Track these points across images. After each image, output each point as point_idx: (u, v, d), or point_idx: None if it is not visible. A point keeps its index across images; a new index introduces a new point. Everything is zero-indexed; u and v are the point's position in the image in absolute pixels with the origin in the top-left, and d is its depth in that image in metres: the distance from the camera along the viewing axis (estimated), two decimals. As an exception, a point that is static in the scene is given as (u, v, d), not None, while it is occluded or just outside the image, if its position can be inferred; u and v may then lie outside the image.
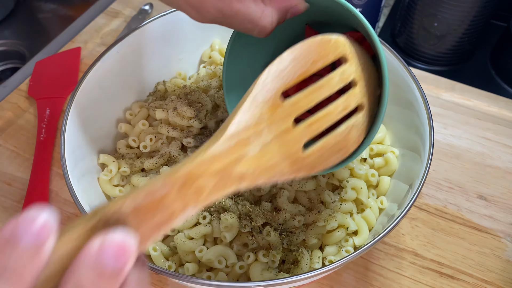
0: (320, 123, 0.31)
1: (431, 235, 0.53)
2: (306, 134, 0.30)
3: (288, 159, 0.29)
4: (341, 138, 0.32)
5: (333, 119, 0.32)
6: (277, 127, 0.28)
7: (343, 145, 0.33)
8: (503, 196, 0.56)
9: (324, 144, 0.31)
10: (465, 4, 0.66)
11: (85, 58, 0.71)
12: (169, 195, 0.22)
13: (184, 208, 0.22)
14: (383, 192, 0.49)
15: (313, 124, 0.31)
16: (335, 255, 0.44)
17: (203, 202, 0.24)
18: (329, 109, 0.31)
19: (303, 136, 0.30)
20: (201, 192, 0.24)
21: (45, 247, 0.18)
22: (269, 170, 0.28)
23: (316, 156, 0.31)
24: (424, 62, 0.76)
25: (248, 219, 0.44)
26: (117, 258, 0.19)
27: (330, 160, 0.32)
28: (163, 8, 0.78)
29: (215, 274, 0.43)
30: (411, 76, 0.47)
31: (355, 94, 0.33)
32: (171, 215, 0.22)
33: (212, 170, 0.24)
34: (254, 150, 0.27)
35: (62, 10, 0.89)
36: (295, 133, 0.30)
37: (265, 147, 0.28)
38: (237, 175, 0.26)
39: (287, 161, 0.29)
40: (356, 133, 0.33)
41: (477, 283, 0.49)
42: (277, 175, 0.28)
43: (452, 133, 0.62)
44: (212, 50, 0.59)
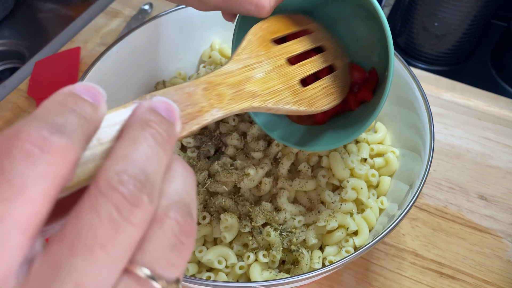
0: (308, 67, 0.39)
1: (431, 235, 0.53)
2: (299, 72, 0.38)
3: (289, 89, 0.35)
4: (328, 84, 0.41)
5: (317, 67, 0.40)
6: (274, 61, 0.36)
7: (332, 91, 0.41)
8: (503, 196, 0.56)
9: (316, 84, 0.39)
10: (466, 4, 0.66)
11: (85, 58, 0.71)
12: (196, 92, 0.25)
13: (210, 107, 0.25)
14: (384, 192, 0.49)
15: (303, 66, 0.39)
16: (335, 255, 0.44)
17: (226, 108, 0.27)
18: (313, 58, 0.41)
19: (297, 73, 0.37)
20: (222, 98, 0.27)
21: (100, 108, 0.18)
22: (275, 94, 0.33)
23: (312, 93, 0.38)
24: (425, 62, 0.76)
25: (248, 219, 0.43)
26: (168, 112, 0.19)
27: (324, 101, 0.39)
28: (163, 8, 0.78)
29: (215, 274, 0.43)
30: (412, 76, 0.47)
31: (327, 55, 0.43)
32: (200, 110, 0.24)
33: (228, 82, 0.29)
34: (259, 74, 0.33)
35: (62, 10, 0.89)
36: (291, 69, 0.37)
37: (268, 74, 0.34)
38: (249, 92, 0.31)
39: (289, 90, 0.35)
40: (339, 84, 0.42)
41: (478, 283, 0.49)
42: (283, 101, 0.34)
43: (453, 133, 0.62)
44: (212, 50, 0.59)
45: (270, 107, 0.32)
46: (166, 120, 0.19)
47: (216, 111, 0.25)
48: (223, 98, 0.27)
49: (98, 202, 0.16)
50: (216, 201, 0.44)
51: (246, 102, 0.30)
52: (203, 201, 0.45)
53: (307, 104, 0.37)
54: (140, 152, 0.17)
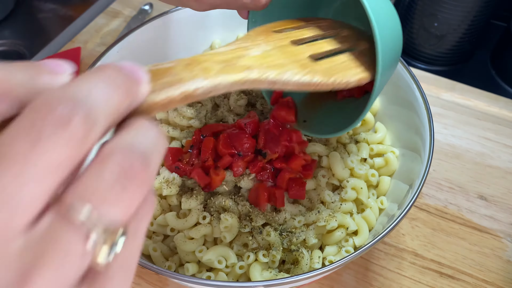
0: (319, 45, 0.37)
1: (431, 235, 0.53)
2: (309, 50, 0.35)
3: (296, 63, 0.32)
4: (350, 59, 0.37)
5: (330, 47, 0.37)
6: (274, 42, 0.34)
7: (351, 65, 0.37)
8: (503, 196, 0.56)
9: (332, 59, 0.36)
10: (465, 4, 0.66)
11: (85, 58, 0.71)
12: (176, 67, 0.24)
13: (192, 77, 0.23)
14: (383, 192, 0.49)
15: (314, 45, 0.36)
16: (335, 255, 0.44)
17: (213, 78, 0.24)
18: (328, 39, 0.38)
19: (306, 50, 0.35)
20: (208, 71, 0.25)
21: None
22: (277, 66, 0.30)
23: (328, 66, 0.35)
24: (424, 62, 0.76)
25: (248, 219, 0.43)
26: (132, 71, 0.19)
27: (341, 74, 0.35)
28: (163, 8, 0.78)
29: (215, 274, 0.43)
30: (411, 76, 0.47)
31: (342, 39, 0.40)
32: (179, 80, 0.23)
33: (216, 59, 0.27)
34: (255, 52, 0.31)
35: (62, 10, 0.89)
36: (297, 47, 0.35)
37: (266, 52, 0.32)
38: (243, 65, 0.28)
39: (296, 64, 0.32)
40: (365, 63, 0.38)
41: (478, 283, 0.49)
42: (289, 72, 0.31)
43: (452, 133, 0.62)
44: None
45: (272, 79, 0.29)
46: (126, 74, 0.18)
47: (201, 80, 0.23)
48: (209, 71, 0.25)
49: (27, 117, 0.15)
50: (216, 201, 0.44)
51: (240, 74, 0.27)
52: (203, 201, 0.45)
53: (323, 74, 0.33)
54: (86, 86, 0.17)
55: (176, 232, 0.45)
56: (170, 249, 0.46)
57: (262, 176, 0.44)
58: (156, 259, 0.44)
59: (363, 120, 0.52)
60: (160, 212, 0.46)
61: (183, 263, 0.44)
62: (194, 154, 0.45)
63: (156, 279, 0.50)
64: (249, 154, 0.44)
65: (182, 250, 0.43)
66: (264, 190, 0.43)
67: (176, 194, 0.46)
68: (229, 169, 0.44)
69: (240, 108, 0.51)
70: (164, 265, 0.44)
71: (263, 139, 0.44)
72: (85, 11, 0.80)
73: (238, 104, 0.51)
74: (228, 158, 0.44)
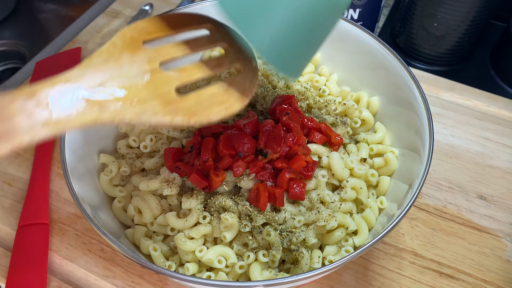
0: (193, 71, 0.33)
1: (430, 235, 0.53)
2: (177, 79, 0.32)
3: (159, 98, 0.29)
4: (222, 91, 0.34)
5: (206, 72, 0.34)
6: (140, 65, 0.30)
7: (225, 98, 0.34)
8: (503, 196, 0.56)
9: (202, 93, 0.33)
10: (465, 4, 0.66)
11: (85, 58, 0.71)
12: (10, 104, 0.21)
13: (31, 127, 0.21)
14: (383, 192, 0.49)
15: (184, 71, 0.33)
16: (335, 255, 0.44)
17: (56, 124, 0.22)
18: (202, 63, 0.34)
19: (174, 79, 0.31)
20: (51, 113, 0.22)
21: None
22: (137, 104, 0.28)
23: (194, 102, 0.32)
24: (424, 62, 0.76)
25: (248, 219, 0.44)
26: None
27: (214, 109, 0.32)
28: (163, 8, 0.78)
29: (215, 274, 0.43)
30: (411, 76, 0.47)
31: (228, 57, 0.36)
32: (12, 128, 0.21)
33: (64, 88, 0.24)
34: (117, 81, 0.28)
35: (62, 10, 0.89)
36: (164, 75, 0.31)
37: (128, 79, 0.28)
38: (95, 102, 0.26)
39: (159, 99, 0.29)
40: (237, 91, 0.35)
41: (477, 283, 0.49)
42: (148, 112, 0.28)
43: (452, 133, 0.62)
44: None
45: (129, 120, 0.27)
46: None
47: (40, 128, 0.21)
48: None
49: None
50: (216, 201, 0.44)
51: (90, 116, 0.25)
52: (203, 201, 0.45)
53: (185, 114, 0.30)
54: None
55: (176, 231, 0.45)
56: (170, 248, 0.46)
57: (262, 176, 0.44)
58: (156, 258, 0.44)
59: (363, 120, 0.53)
60: (160, 212, 0.46)
61: (183, 262, 0.44)
62: (194, 154, 0.45)
63: (156, 279, 0.50)
64: (249, 154, 0.44)
65: (182, 249, 0.43)
66: (264, 190, 0.43)
67: (176, 194, 0.46)
68: (229, 169, 0.45)
69: (240, 108, 0.51)
70: (164, 265, 0.44)
71: (264, 139, 0.44)
72: (85, 11, 0.80)
73: (238, 104, 0.51)
74: (229, 159, 0.44)
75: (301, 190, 0.43)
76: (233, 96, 0.34)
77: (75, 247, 0.52)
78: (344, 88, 0.56)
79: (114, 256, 0.51)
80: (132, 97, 0.28)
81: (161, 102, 0.29)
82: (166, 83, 0.31)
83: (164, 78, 0.31)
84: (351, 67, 0.56)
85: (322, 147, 0.47)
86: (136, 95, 0.28)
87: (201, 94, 0.33)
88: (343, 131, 0.51)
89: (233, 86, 0.34)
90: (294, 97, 0.49)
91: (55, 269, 0.51)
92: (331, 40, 0.55)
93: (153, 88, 0.29)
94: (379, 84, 0.53)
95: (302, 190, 0.44)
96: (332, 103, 0.53)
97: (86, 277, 0.50)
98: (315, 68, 0.59)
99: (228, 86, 0.34)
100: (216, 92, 0.33)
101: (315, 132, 0.47)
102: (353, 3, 0.67)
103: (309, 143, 0.47)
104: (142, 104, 0.28)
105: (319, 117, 0.51)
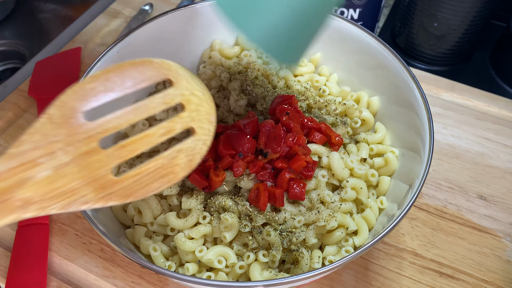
0: (136, 145, 0.29)
1: (431, 235, 0.53)
2: (117, 157, 0.28)
3: (93, 184, 0.27)
4: (166, 162, 0.30)
5: (153, 142, 0.30)
6: (76, 148, 0.27)
7: (169, 170, 0.30)
8: (503, 196, 0.56)
9: (142, 168, 0.30)
10: (465, 4, 0.66)
11: (85, 58, 0.71)
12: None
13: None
14: (383, 192, 0.49)
15: (126, 147, 0.29)
16: (335, 255, 0.44)
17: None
18: (148, 131, 0.30)
19: (113, 159, 0.28)
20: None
21: None
22: (65, 196, 0.26)
23: (132, 181, 0.29)
24: (424, 62, 0.76)
25: (248, 219, 0.44)
26: None
27: (154, 186, 0.30)
28: (163, 8, 0.78)
29: (215, 273, 0.43)
30: (411, 76, 0.47)
31: (182, 117, 0.31)
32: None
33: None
34: (44, 172, 0.25)
35: (62, 10, 0.89)
36: (102, 155, 0.28)
37: (60, 169, 0.26)
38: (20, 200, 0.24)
39: (92, 186, 0.27)
40: (185, 158, 0.31)
41: (477, 283, 0.49)
42: (78, 202, 0.26)
43: (452, 133, 0.62)
44: (212, 50, 0.59)
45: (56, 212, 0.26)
46: None
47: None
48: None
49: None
50: (216, 201, 0.44)
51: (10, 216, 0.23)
52: (203, 201, 0.45)
53: (122, 196, 0.28)
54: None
55: (176, 232, 0.45)
56: (170, 249, 0.46)
57: (262, 176, 0.44)
58: (156, 259, 0.44)
59: (363, 120, 0.53)
60: (160, 212, 0.46)
61: (183, 263, 0.44)
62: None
63: (156, 279, 0.50)
64: (249, 154, 0.44)
65: (182, 250, 0.43)
66: (264, 190, 0.43)
67: (176, 194, 0.46)
68: (229, 169, 0.44)
69: (240, 109, 0.51)
70: (164, 265, 0.44)
71: (264, 139, 0.44)
72: (85, 11, 0.80)
73: (238, 105, 0.51)
74: (229, 159, 0.44)
75: (301, 190, 0.43)
76: (179, 166, 0.31)
77: (75, 247, 0.52)
78: (344, 88, 0.56)
79: (114, 256, 0.51)
80: (61, 188, 0.26)
81: (95, 189, 0.27)
82: (103, 165, 0.28)
83: (102, 160, 0.28)
84: (351, 67, 0.56)
85: (322, 147, 0.47)
86: (66, 186, 0.26)
87: (142, 171, 0.29)
88: (343, 131, 0.51)
89: (181, 154, 0.31)
90: (294, 97, 0.49)
91: (55, 269, 0.51)
92: (331, 40, 0.55)
93: (87, 174, 0.27)
94: (379, 84, 0.53)
95: (302, 190, 0.44)
96: (332, 103, 0.53)
97: (86, 277, 0.50)
98: (315, 68, 0.59)
99: (175, 155, 0.31)
100: (160, 166, 0.30)
101: (315, 132, 0.47)
102: (353, 3, 0.67)
103: (309, 143, 0.47)
104: (73, 193, 0.26)
105: (319, 117, 0.51)
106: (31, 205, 0.25)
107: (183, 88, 0.32)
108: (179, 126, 0.31)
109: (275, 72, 0.55)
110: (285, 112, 0.47)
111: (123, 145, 0.29)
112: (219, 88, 0.54)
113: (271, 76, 0.55)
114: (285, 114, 0.46)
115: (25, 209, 0.25)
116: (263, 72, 0.55)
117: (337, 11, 0.67)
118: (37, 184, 0.25)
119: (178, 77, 0.32)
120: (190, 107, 0.32)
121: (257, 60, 0.56)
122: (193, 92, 0.32)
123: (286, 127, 0.46)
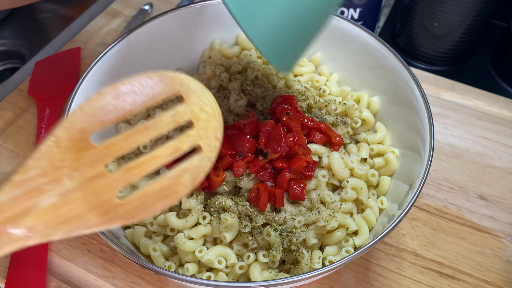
0: (143, 167, 0.28)
1: (431, 235, 0.53)
2: (123, 180, 0.28)
3: (97, 209, 0.26)
4: (170, 183, 0.29)
5: (160, 163, 0.29)
6: (83, 173, 0.26)
7: (173, 190, 0.29)
8: (503, 196, 0.56)
9: (147, 190, 0.29)
10: (465, 4, 0.66)
11: (85, 58, 0.71)
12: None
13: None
14: (383, 192, 0.49)
15: (133, 169, 0.28)
16: (335, 255, 0.44)
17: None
18: (155, 152, 0.29)
19: (119, 182, 0.27)
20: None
21: None
22: (69, 222, 0.25)
23: (137, 204, 0.28)
24: (424, 62, 0.76)
25: (248, 219, 0.43)
26: None
27: (156, 207, 0.29)
28: (163, 8, 0.78)
29: (215, 274, 0.43)
30: (411, 76, 0.47)
31: (190, 135, 0.31)
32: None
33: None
34: (49, 200, 0.25)
35: (62, 10, 0.89)
36: (109, 179, 0.27)
37: (65, 196, 0.25)
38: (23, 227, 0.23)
39: (96, 210, 0.26)
40: (189, 177, 0.30)
41: (478, 283, 0.49)
42: (81, 227, 0.26)
43: (453, 133, 0.62)
44: (212, 50, 0.59)
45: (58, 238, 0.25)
46: None
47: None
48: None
49: None
50: (216, 201, 0.44)
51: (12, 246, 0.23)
52: (203, 201, 0.45)
53: (125, 218, 0.28)
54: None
55: (176, 232, 0.45)
56: (170, 249, 0.46)
57: (262, 176, 0.44)
58: (156, 259, 0.44)
59: (363, 120, 0.52)
60: (160, 212, 0.46)
61: (183, 263, 0.44)
62: (194, 154, 0.45)
63: (156, 279, 0.50)
64: (249, 154, 0.44)
65: (182, 250, 0.43)
66: (264, 190, 0.43)
67: (176, 194, 0.46)
68: (229, 169, 0.44)
69: (240, 108, 0.51)
70: (164, 265, 0.44)
71: (264, 139, 0.44)
72: (85, 11, 0.80)
73: (238, 105, 0.51)
74: (229, 159, 0.44)
75: (301, 190, 0.43)
76: (183, 185, 0.30)
77: (74, 247, 0.52)
78: (345, 88, 0.56)
79: (113, 257, 0.51)
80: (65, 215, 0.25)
81: (99, 213, 0.26)
82: (109, 189, 0.27)
83: (108, 184, 0.27)
84: (352, 67, 0.56)
85: (322, 147, 0.47)
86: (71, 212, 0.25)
87: (146, 193, 0.28)
88: (343, 131, 0.51)
89: (186, 173, 0.30)
90: (294, 97, 0.49)
91: (55, 269, 0.51)
92: (331, 40, 0.55)
93: (92, 200, 0.26)
94: (379, 84, 0.53)
95: (302, 190, 0.43)
96: (333, 103, 0.53)
97: (85, 277, 0.50)
98: (315, 68, 0.59)
99: (181, 174, 0.30)
100: (165, 186, 0.29)
101: (315, 132, 0.47)
102: (353, 3, 0.67)
103: (309, 143, 0.47)
104: (77, 220, 0.26)
105: (319, 117, 0.51)
106: (35, 233, 0.24)
107: (193, 104, 0.31)
108: (187, 145, 0.30)
109: (275, 72, 0.55)
110: (285, 112, 0.46)
111: (129, 168, 0.28)
112: (219, 88, 0.54)
113: (271, 76, 0.55)
114: (285, 114, 0.46)
115: (28, 238, 0.24)
116: (263, 72, 0.55)
117: (337, 11, 0.67)
118: (42, 212, 0.24)
119: (190, 93, 0.31)
120: (199, 124, 0.31)
121: (257, 60, 0.56)
122: (203, 107, 0.31)
123: (286, 127, 0.46)
